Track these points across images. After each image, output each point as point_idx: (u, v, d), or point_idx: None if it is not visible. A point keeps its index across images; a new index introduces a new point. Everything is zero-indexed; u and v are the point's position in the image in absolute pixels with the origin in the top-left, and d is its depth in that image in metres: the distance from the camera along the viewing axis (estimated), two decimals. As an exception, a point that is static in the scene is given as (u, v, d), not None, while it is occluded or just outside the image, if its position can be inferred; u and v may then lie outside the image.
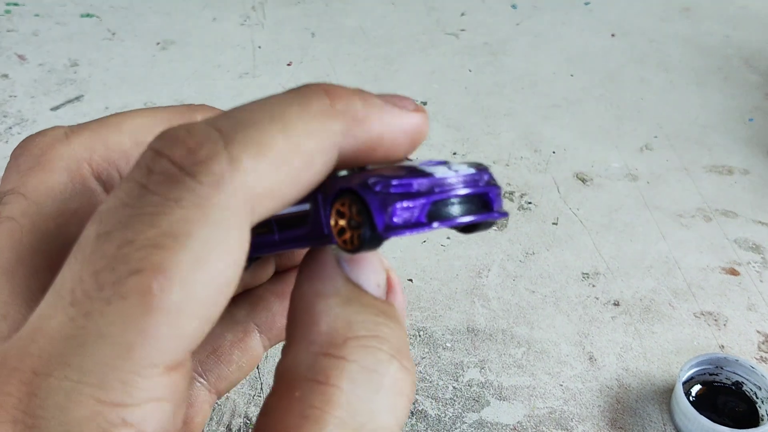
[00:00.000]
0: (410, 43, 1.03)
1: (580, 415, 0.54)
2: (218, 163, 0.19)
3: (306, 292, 0.23)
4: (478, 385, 0.56)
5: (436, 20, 1.09)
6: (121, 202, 0.19)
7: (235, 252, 0.20)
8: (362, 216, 0.21)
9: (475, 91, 0.93)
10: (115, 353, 0.18)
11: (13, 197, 0.25)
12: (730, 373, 0.54)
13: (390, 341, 0.22)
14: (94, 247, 0.19)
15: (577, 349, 0.59)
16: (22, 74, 0.94)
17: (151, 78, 0.94)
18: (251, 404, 0.54)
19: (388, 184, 0.21)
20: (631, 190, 0.76)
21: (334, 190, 0.22)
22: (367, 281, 0.23)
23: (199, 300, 0.19)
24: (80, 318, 0.18)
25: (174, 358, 0.19)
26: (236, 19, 1.08)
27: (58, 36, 1.02)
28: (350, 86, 0.23)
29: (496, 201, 0.24)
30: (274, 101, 0.22)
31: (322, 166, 0.22)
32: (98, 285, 0.18)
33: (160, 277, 0.18)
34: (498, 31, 1.07)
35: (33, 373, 0.18)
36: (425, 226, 0.21)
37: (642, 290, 0.64)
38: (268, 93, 0.22)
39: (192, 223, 0.19)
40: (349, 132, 0.22)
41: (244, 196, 0.19)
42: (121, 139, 0.28)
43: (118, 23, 1.06)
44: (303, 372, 0.21)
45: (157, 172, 0.19)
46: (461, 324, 0.60)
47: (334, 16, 1.10)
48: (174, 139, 0.20)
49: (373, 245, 0.21)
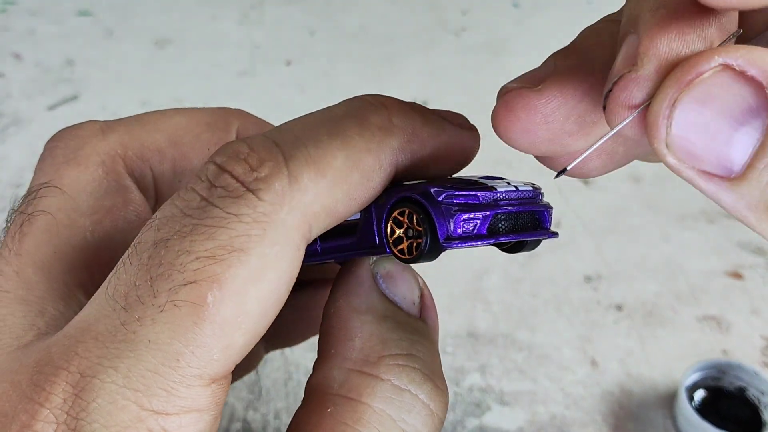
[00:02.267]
0: (411, 42, 1.02)
1: (581, 420, 0.53)
2: (279, 181, 0.19)
3: (341, 306, 0.22)
4: (479, 390, 0.55)
5: (436, 19, 1.09)
6: (181, 212, 0.19)
7: (290, 270, 0.20)
8: (423, 225, 0.21)
9: (476, 91, 0.92)
10: (162, 361, 0.18)
11: (48, 190, 0.25)
12: (733, 379, 0.54)
13: (424, 361, 0.21)
14: (151, 254, 0.19)
15: (579, 353, 0.58)
16: (18, 73, 0.93)
17: (148, 77, 0.93)
18: (249, 409, 0.53)
19: (452, 195, 0.21)
20: (633, 192, 0.75)
21: (392, 198, 0.22)
22: (402, 298, 0.23)
23: (250, 315, 0.19)
24: (132, 323, 0.18)
25: (219, 371, 0.19)
26: (235, 17, 1.07)
27: (54, 35, 1.02)
28: (404, 99, 0.23)
29: (549, 221, 0.23)
30: (331, 115, 0.22)
31: (379, 182, 0.22)
32: (153, 292, 0.18)
33: (215, 288, 0.18)
34: (499, 29, 1.06)
35: (80, 374, 0.18)
36: (486, 238, 0.21)
37: (645, 294, 0.63)
38: (267, 92, 0.22)
39: (251, 238, 0.19)
40: (406, 148, 0.22)
41: (303, 214, 0.20)
42: (156, 138, 0.27)
43: (114, 22, 1.05)
44: (336, 388, 0.21)
45: (219, 186, 0.19)
46: (462, 328, 0.60)
47: (334, 15, 1.09)
48: (236, 154, 0.20)
49: (432, 256, 0.21)
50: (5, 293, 0.22)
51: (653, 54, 0.17)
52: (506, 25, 1.07)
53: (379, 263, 0.23)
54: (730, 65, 0.17)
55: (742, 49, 0.17)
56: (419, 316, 0.23)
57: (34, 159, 0.28)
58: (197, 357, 0.18)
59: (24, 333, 0.21)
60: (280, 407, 0.53)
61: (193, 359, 0.18)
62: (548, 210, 0.23)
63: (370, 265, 0.23)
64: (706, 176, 0.18)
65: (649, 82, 0.18)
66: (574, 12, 1.10)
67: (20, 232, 0.24)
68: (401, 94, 0.25)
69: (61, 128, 0.27)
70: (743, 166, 0.17)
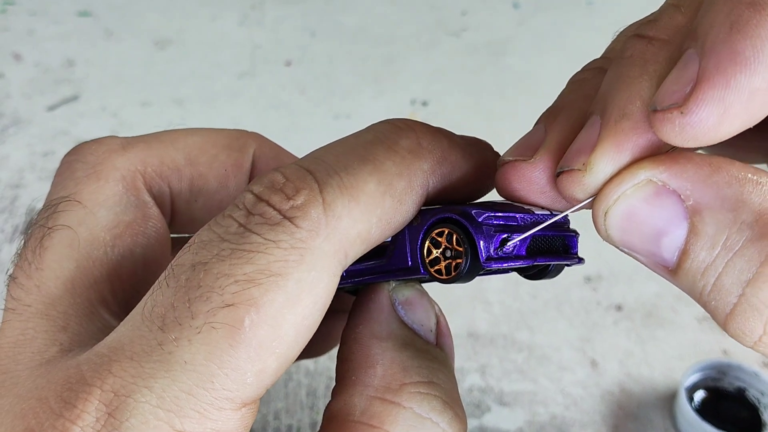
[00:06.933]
0: (411, 43, 1.02)
1: (581, 421, 0.53)
2: (315, 209, 0.20)
3: (361, 333, 0.23)
4: (479, 390, 0.55)
5: (437, 20, 1.09)
6: (219, 237, 0.20)
7: (325, 296, 0.20)
8: (464, 245, 0.21)
9: (477, 92, 0.92)
10: (196, 382, 0.18)
11: (68, 204, 0.25)
12: (733, 379, 0.54)
13: (444, 388, 0.21)
14: (189, 276, 0.19)
15: (579, 354, 0.58)
16: (18, 74, 0.93)
17: (148, 77, 0.93)
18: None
19: (492, 216, 0.21)
20: (633, 192, 0.75)
21: (430, 219, 0.22)
22: (420, 325, 0.23)
23: (285, 339, 0.19)
24: (169, 343, 0.18)
25: (250, 395, 0.19)
26: (235, 17, 1.07)
27: (54, 35, 1.02)
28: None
29: (577, 247, 0.24)
30: (360, 141, 0.22)
31: (412, 205, 0.22)
32: (191, 313, 0.19)
33: (252, 312, 0.18)
34: (499, 30, 1.06)
35: (114, 393, 0.18)
36: (525, 259, 0.21)
37: (644, 294, 0.63)
38: (267, 92, 0.22)
39: (289, 263, 0.19)
40: (436, 170, 0.22)
41: (339, 241, 0.20)
42: (175, 156, 0.28)
43: (114, 22, 1.05)
44: (357, 415, 0.21)
45: (256, 213, 0.20)
46: (462, 329, 0.60)
47: (334, 15, 1.09)
48: (272, 184, 0.20)
49: (470, 276, 0.21)
50: (26, 307, 0.22)
51: (598, 169, 0.20)
52: (506, 26, 1.07)
53: (398, 290, 0.23)
54: (652, 180, 0.19)
55: (667, 161, 0.19)
56: (435, 343, 0.24)
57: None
58: (231, 380, 0.18)
59: (47, 348, 0.21)
60: (280, 407, 0.53)
61: (227, 382, 0.18)
62: (577, 236, 0.24)
63: (389, 292, 0.23)
64: (651, 263, 0.20)
65: (590, 188, 0.21)
66: (574, 13, 1.10)
67: (41, 246, 0.24)
68: (401, 94, 0.25)
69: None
70: (674, 264, 0.20)
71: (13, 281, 0.23)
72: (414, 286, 0.24)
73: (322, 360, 0.56)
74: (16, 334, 0.21)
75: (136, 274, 0.25)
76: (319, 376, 0.55)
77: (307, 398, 0.54)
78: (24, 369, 0.20)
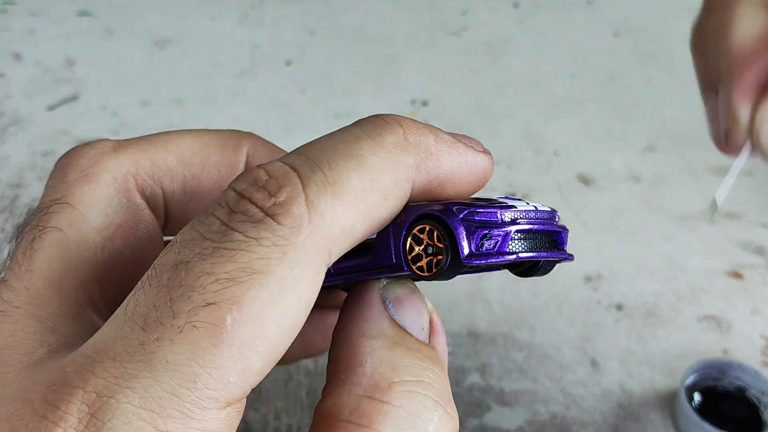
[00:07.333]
0: (410, 42, 1.02)
1: (582, 420, 0.53)
2: (297, 206, 0.19)
3: (351, 332, 0.22)
4: (479, 389, 0.55)
5: (436, 19, 1.08)
6: (201, 236, 0.20)
7: (309, 294, 0.20)
8: (444, 242, 0.21)
9: (477, 91, 0.92)
10: (179, 382, 0.18)
11: (60, 206, 0.25)
12: (733, 379, 0.54)
13: (435, 387, 0.21)
14: (171, 275, 0.19)
15: (579, 353, 0.58)
16: (18, 73, 0.93)
17: (148, 77, 0.93)
18: (249, 409, 0.53)
19: (473, 212, 0.21)
20: (634, 192, 0.75)
21: (412, 215, 0.22)
22: (412, 324, 0.23)
23: (268, 338, 0.19)
24: (151, 343, 0.18)
25: (235, 394, 0.19)
26: (234, 17, 1.07)
27: (54, 34, 1.02)
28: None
29: (566, 242, 0.23)
30: (345, 136, 0.22)
31: (396, 200, 0.22)
32: (173, 312, 0.18)
33: (234, 310, 0.18)
34: (499, 30, 1.06)
35: (96, 394, 0.18)
36: (508, 255, 0.21)
37: (645, 294, 0.63)
38: (267, 92, 0.22)
39: (271, 261, 0.19)
40: (421, 166, 0.22)
41: (322, 237, 0.20)
42: (166, 157, 0.28)
43: (114, 22, 1.05)
44: (346, 414, 0.21)
45: (239, 211, 0.20)
46: (462, 328, 0.60)
47: (334, 15, 1.09)
48: (255, 181, 0.20)
49: (451, 273, 0.21)
50: (16, 309, 0.22)
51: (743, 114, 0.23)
52: (506, 26, 1.07)
53: (389, 288, 0.23)
54: None
55: None
56: (428, 341, 0.23)
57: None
58: (214, 379, 0.18)
59: (35, 349, 0.21)
60: (280, 407, 0.53)
61: (210, 381, 0.18)
62: (565, 231, 0.24)
63: (379, 290, 0.23)
64: None
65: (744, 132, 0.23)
66: (575, 13, 1.10)
67: (31, 248, 0.23)
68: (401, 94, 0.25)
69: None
70: None
71: (3, 283, 0.23)
72: (406, 284, 0.23)
73: (322, 360, 0.56)
74: (6, 336, 0.21)
75: (125, 276, 0.25)
76: (319, 376, 0.55)
77: (307, 398, 0.54)
78: (12, 371, 0.20)
